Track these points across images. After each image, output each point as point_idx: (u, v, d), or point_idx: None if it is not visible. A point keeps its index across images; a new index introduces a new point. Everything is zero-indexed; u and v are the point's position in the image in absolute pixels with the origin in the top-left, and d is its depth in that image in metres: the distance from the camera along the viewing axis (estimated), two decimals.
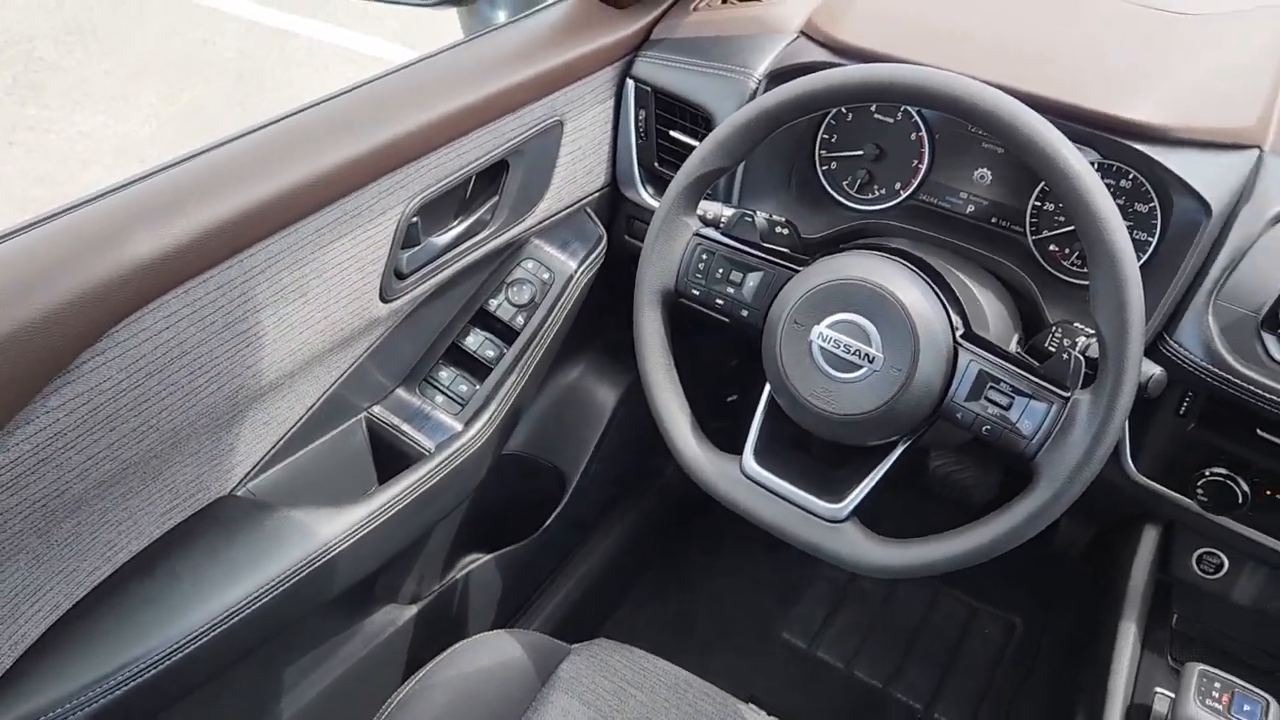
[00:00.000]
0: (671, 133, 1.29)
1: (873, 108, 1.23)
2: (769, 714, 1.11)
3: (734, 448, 1.03)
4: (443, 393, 1.27)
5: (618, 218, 1.39)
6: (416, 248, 1.14)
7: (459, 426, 1.24)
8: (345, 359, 1.14)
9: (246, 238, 0.92)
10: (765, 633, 1.75)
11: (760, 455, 1.02)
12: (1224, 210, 1.01)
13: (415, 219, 1.11)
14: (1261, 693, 0.96)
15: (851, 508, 0.96)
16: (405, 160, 1.06)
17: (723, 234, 1.05)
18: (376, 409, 1.25)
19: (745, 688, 1.63)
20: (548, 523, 1.52)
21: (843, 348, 0.94)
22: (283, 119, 1.01)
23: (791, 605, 1.79)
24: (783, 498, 0.99)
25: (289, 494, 1.13)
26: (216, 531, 1.04)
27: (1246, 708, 0.94)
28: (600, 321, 1.43)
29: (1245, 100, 1.08)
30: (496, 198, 1.22)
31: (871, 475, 0.97)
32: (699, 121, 1.26)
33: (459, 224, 1.20)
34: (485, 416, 1.25)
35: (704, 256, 1.04)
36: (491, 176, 1.22)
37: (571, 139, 1.27)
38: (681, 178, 1.03)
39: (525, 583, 1.59)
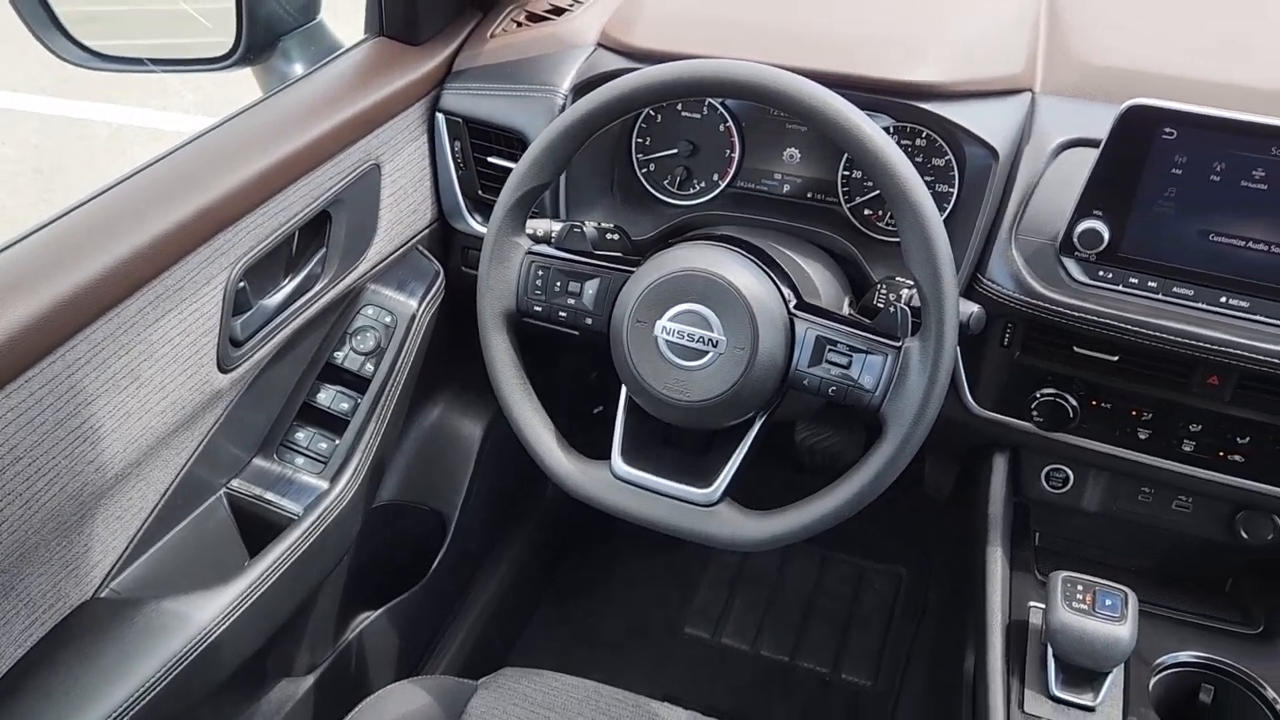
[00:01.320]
0: (490, 159, 1.30)
1: (679, 106, 1.27)
2: (685, 709, 1.13)
3: (607, 456, 1.04)
4: (302, 454, 1.25)
5: (452, 251, 1.40)
6: (249, 312, 1.12)
7: (324, 485, 1.22)
8: (193, 437, 1.10)
9: (64, 330, 0.89)
10: (670, 630, 1.78)
11: (628, 455, 1.04)
12: (1009, 152, 1.09)
13: (242, 284, 1.09)
14: (1119, 586, 1.04)
15: (722, 489, 0.99)
16: (222, 225, 1.04)
17: (555, 248, 1.07)
18: (236, 482, 1.21)
19: (659, 687, 1.65)
20: (434, 566, 1.51)
21: (686, 337, 0.97)
22: (86, 202, 0.98)
23: (691, 598, 1.82)
24: (656, 492, 1.01)
25: (156, 586, 1.09)
26: (85, 639, 0.99)
27: (1108, 602, 1.01)
28: (453, 356, 1.43)
29: (1012, 50, 1.16)
30: (324, 250, 1.21)
31: (736, 454, 1.00)
32: (514, 144, 1.28)
33: (289, 282, 1.18)
34: (350, 470, 1.23)
35: (540, 273, 1.06)
36: (315, 229, 1.20)
37: (391, 180, 1.27)
38: (504, 200, 1.04)
39: (422, 630, 1.56)
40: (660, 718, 1.09)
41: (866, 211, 1.23)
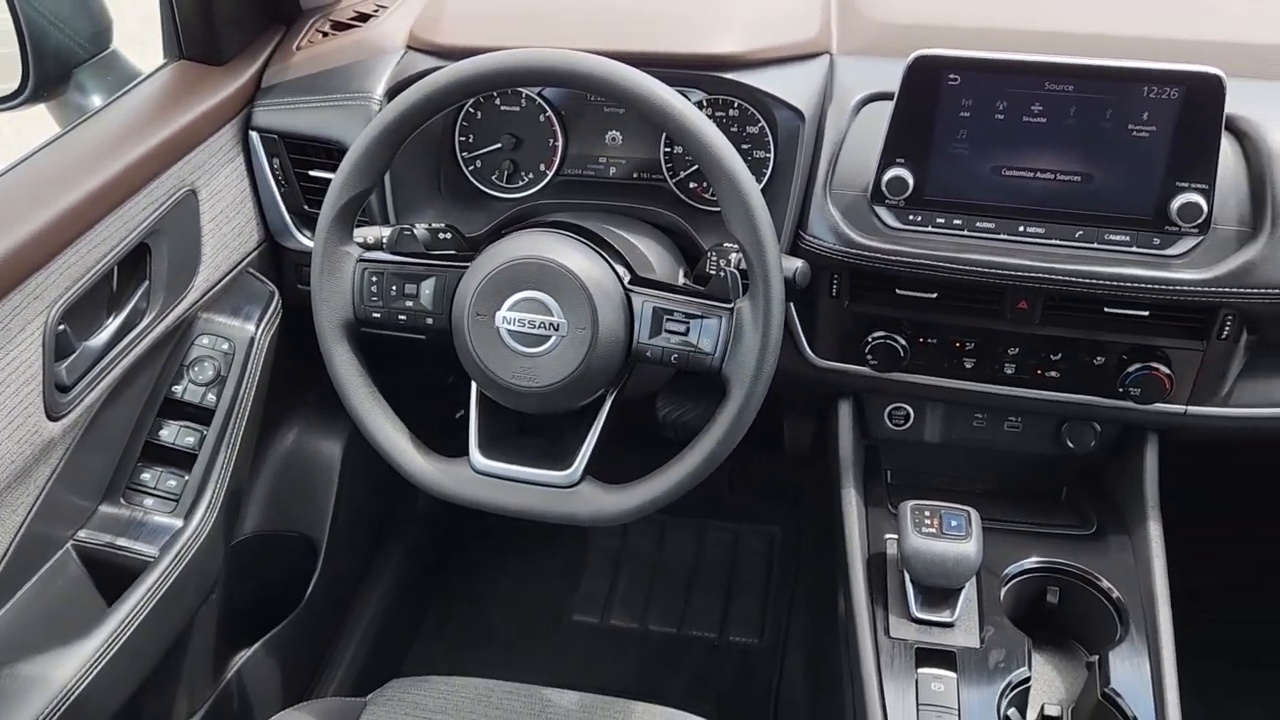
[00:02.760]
0: (311, 173, 1.29)
1: (497, 100, 1.28)
2: (577, 692, 1.14)
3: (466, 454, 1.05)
4: (151, 494, 1.21)
5: (284, 270, 1.37)
6: (73, 355, 1.08)
7: (178, 523, 1.18)
8: (28, 492, 1.05)
9: None
10: (559, 620, 1.79)
11: (486, 449, 1.05)
12: (814, 112, 1.15)
13: (63, 326, 1.05)
14: (962, 507, 1.10)
15: (581, 469, 1.01)
16: (32, 268, 0.99)
17: (387, 253, 1.07)
18: (83, 533, 1.16)
19: (553, 678, 1.66)
20: (309, 591, 1.48)
21: (528, 324, 0.98)
22: None
23: (576, 586, 1.85)
24: (517, 480, 1.02)
25: (8, 651, 1.04)
26: None
27: (954, 522, 1.08)
28: (301, 376, 1.40)
29: (806, 16, 1.22)
30: (146, 283, 1.17)
31: (591, 433, 1.02)
32: (334, 155, 1.26)
33: (113, 320, 1.14)
34: (204, 505, 1.20)
35: (374, 279, 1.05)
36: (135, 263, 1.16)
37: (210, 205, 1.24)
38: (327, 210, 1.03)
39: (305, 657, 1.53)
40: (552, 703, 1.11)
41: (692, 185, 1.26)
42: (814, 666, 1.60)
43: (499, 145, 1.28)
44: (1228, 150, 1.04)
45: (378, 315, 1.05)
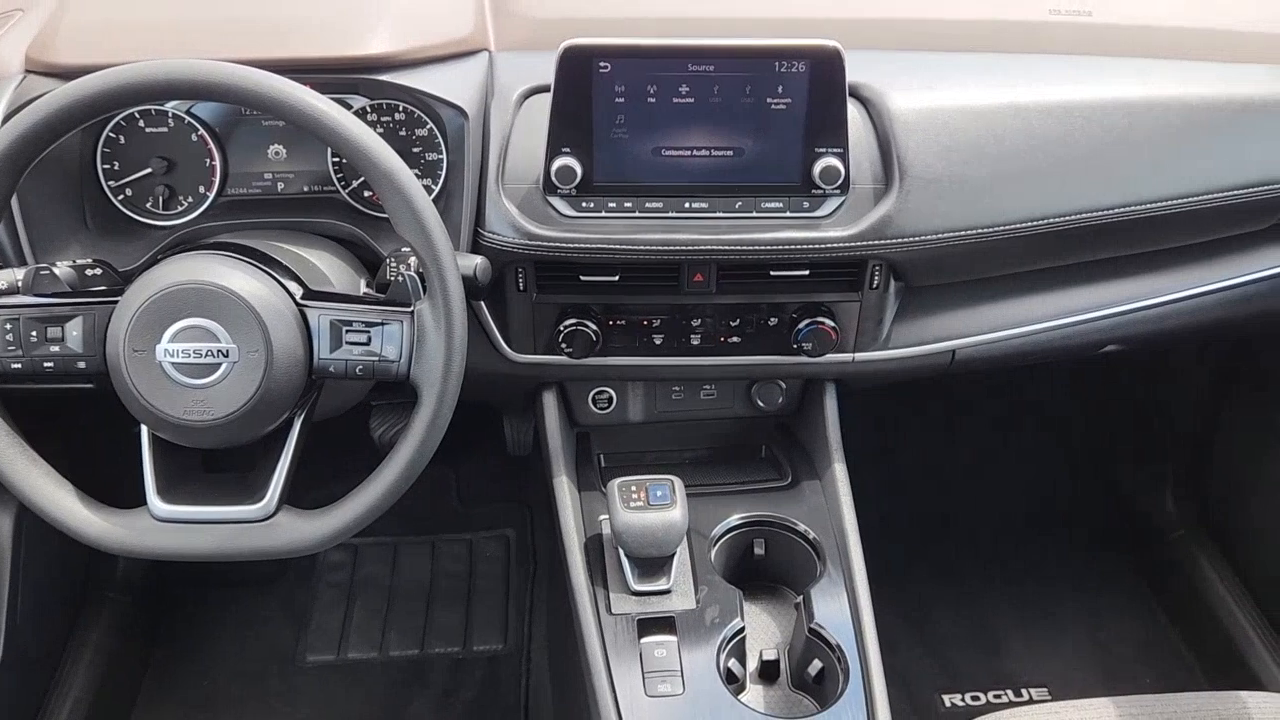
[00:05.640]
0: None
1: (140, 121, 1.19)
2: None
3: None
4: None
5: None
6: None
7: None
8: None
9: None
10: (291, 664, 1.71)
11: (166, 493, 0.98)
12: (478, 109, 1.15)
13: None
14: (665, 476, 1.14)
15: (275, 499, 0.97)
16: None
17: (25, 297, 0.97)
18: None
19: None
20: None
21: (193, 354, 0.92)
22: None
23: (306, 627, 1.76)
24: (205, 522, 0.96)
25: None
26: None
27: (659, 492, 1.12)
28: None
29: (459, 14, 1.22)
30: None
31: (281, 460, 0.98)
32: None
33: None
34: None
35: (8, 327, 0.95)
36: None
37: None
38: None
39: None
40: None
41: (366, 193, 1.23)
42: (556, 660, 1.61)
43: (149, 170, 1.19)
44: (856, 116, 1.14)
45: (18, 366, 0.95)
